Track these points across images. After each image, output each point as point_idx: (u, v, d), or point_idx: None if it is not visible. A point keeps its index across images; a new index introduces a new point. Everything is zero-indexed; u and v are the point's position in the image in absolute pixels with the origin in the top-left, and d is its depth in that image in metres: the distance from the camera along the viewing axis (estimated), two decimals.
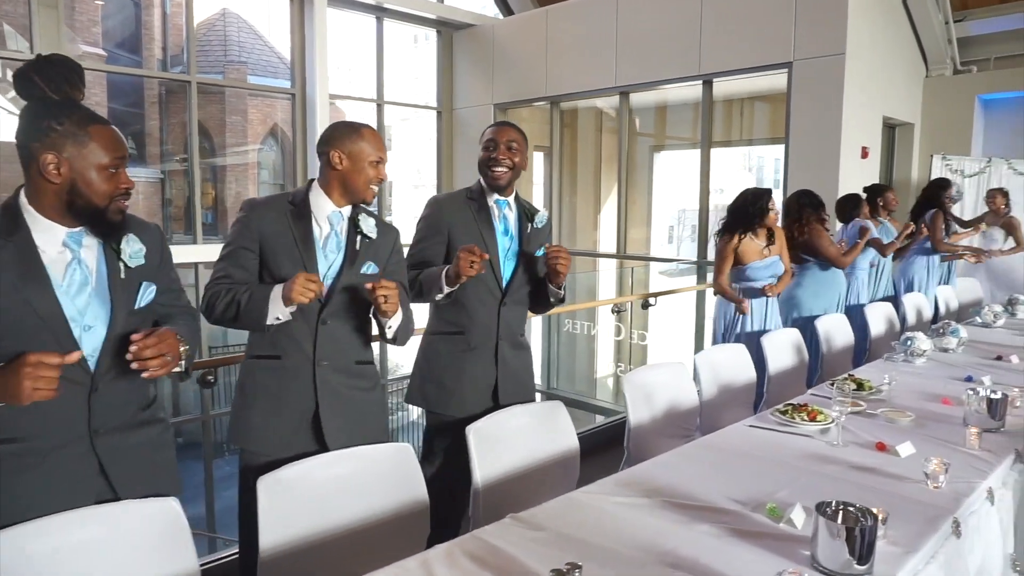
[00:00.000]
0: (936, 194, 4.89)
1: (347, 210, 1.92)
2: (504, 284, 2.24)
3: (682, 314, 7.02)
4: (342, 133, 1.88)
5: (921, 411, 2.33)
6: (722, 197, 9.20)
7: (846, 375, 2.65)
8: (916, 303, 4.59)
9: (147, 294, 1.53)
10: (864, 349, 4.06)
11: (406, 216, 13.13)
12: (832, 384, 2.56)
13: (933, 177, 6.42)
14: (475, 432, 1.94)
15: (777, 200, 3.69)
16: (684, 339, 7.20)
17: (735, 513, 1.57)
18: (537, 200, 9.57)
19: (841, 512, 1.37)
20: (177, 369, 1.49)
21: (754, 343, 3.28)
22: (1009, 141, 7.04)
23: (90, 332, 1.43)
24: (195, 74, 7.57)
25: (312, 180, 1.95)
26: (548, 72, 8.39)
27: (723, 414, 2.87)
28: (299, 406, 1.87)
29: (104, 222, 1.43)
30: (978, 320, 4.00)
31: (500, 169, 2.21)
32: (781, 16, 6.33)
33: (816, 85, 6.23)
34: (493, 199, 2.26)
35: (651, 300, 4.35)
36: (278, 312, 1.75)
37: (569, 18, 8.11)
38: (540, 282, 2.31)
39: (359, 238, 1.92)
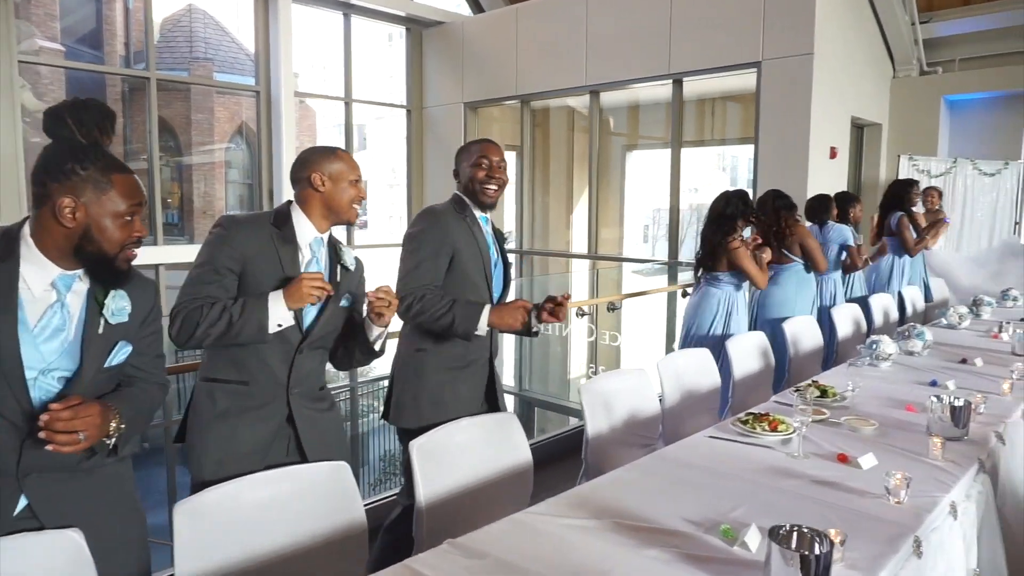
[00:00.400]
0: (901, 194, 4.88)
1: (326, 237, 1.88)
2: (495, 299, 2.28)
3: (656, 315, 6.98)
4: (319, 155, 1.84)
5: (885, 419, 2.27)
6: (696, 197, 9.18)
7: (810, 381, 2.58)
8: (883, 305, 4.57)
9: (120, 353, 1.46)
10: (834, 352, 4.02)
11: (381, 216, 12.96)
12: (796, 391, 2.49)
13: (901, 177, 6.45)
14: (418, 448, 1.83)
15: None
16: (657, 340, 7.15)
17: (687, 536, 1.48)
18: (509, 200, 9.47)
19: (796, 535, 1.29)
20: (104, 443, 1.38)
21: (719, 347, 3.21)
22: (974, 142, 7.10)
23: (48, 378, 1.36)
24: (154, 70, 7.35)
25: (290, 202, 1.86)
26: (518, 71, 8.30)
27: (686, 421, 2.79)
28: (269, 431, 1.80)
29: (111, 270, 1.40)
30: (943, 322, 3.98)
31: (494, 188, 2.23)
32: (750, 16, 6.31)
33: (785, 85, 6.22)
34: (477, 215, 2.25)
35: (615, 303, 4.27)
36: (279, 318, 1.70)
37: (539, 16, 8.03)
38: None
39: (339, 268, 1.87)
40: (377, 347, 1.89)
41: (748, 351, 3.19)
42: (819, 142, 6.28)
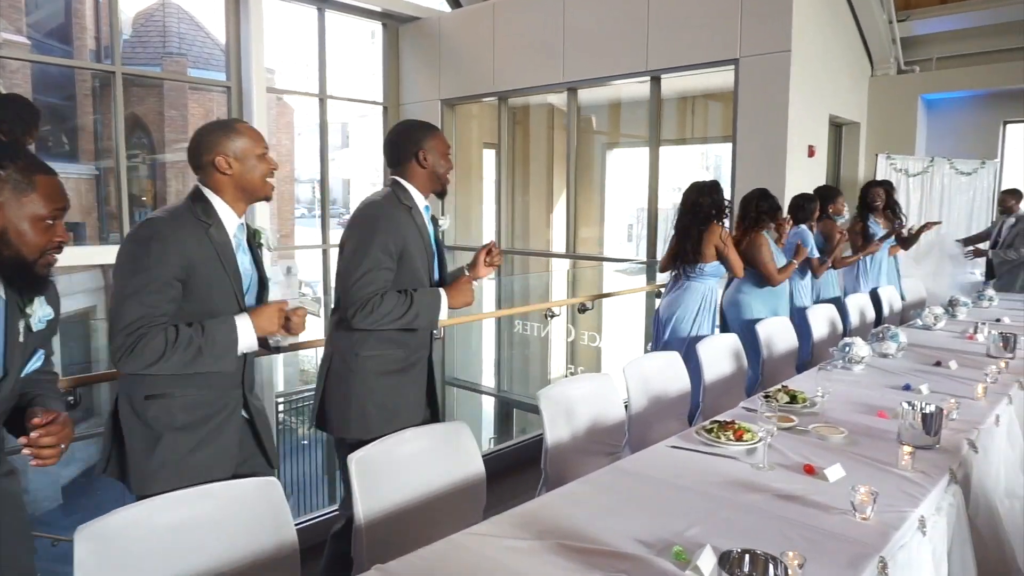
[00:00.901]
0: (866, 195, 4.82)
1: (243, 219, 1.78)
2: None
3: (637, 315, 6.89)
4: (218, 135, 1.71)
5: (855, 426, 2.17)
6: (679, 196, 9.09)
7: (779, 386, 2.48)
8: (859, 305, 4.51)
9: (37, 360, 1.42)
10: (809, 353, 3.94)
11: None
12: (765, 396, 2.40)
13: (879, 177, 6.41)
14: (358, 461, 1.71)
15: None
16: (638, 341, 7.07)
17: (637, 559, 1.38)
18: (488, 198, 9.35)
19: (749, 560, 1.18)
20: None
21: (691, 349, 3.12)
22: (951, 141, 7.08)
23: None
24: (120, 65, 7.15)
25: (198, 189, 1.73)
26: (495, 67, 8.18)
27: (654, 428, 2.69)
28: (233, 436, 1.76)
29: (29, 276, 1.32)
30: (919, 323, 3.91)
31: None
32: (727, 13, 6.24)
33: (762, 82, 6.15)
34: (422, 206, 2.10)
35: (587, 304, 4.16)
36: (247, 345, 1.67)
37: (516, 12, 7.91)
38: None
39: (262, 251, 1.81)
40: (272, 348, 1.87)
41: (719, 353, 3.10)
42: (797, 140, 6.22)
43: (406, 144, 2.08)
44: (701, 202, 3.40)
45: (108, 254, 8.10)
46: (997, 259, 5.47)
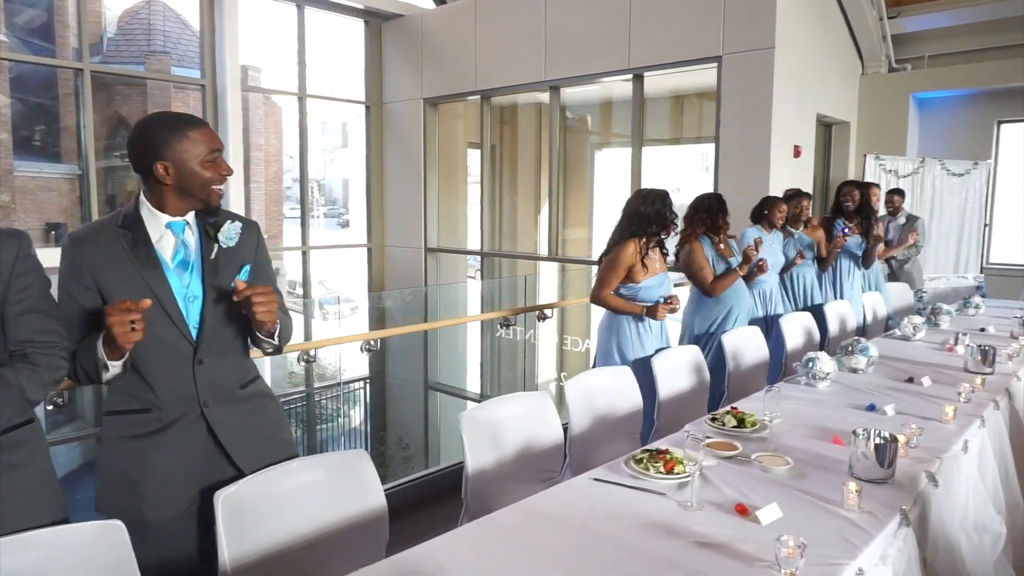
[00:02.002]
0: (837, 195, 4.59)
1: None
2: (195, 335, 1.59)
3: None
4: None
5: (805, 455, 1.97)
6: (678, 197, 8.85)
7: (727, 408, 2.27)
8: (839, 312, 4.29)
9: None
10: (779, 365, 3.73)
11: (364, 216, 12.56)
12: (712, 419, 2.20)
13: (868, 178, 6.20)
14: (225, 500, 1.50)
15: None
16: None
17: None
18: (472, 200, 9.15)
19: None
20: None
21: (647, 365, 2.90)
22: (943, 141, 6.87)
23: None
24: (88, 62, 6.97)
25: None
26: (478, 65, 7.99)
27: (600, 449, 2.49)
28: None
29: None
30: (897, 333, 3.70)
31: (222, 187, 1.60)
32: (710, 9, 6.04)
33: (746, 80, 5.95)
34: (163, 224, 1.58)
35: (547, 312, 3.95)
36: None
37: (498, 9, 7.72)
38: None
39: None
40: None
41: (677, 367, 2.89)
42: (782, 140, 6.02)
43: (141, 151, 1.54)
44: (643, 212, 3.04)
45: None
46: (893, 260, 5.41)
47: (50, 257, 1.52)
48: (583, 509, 1.65)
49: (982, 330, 3.81)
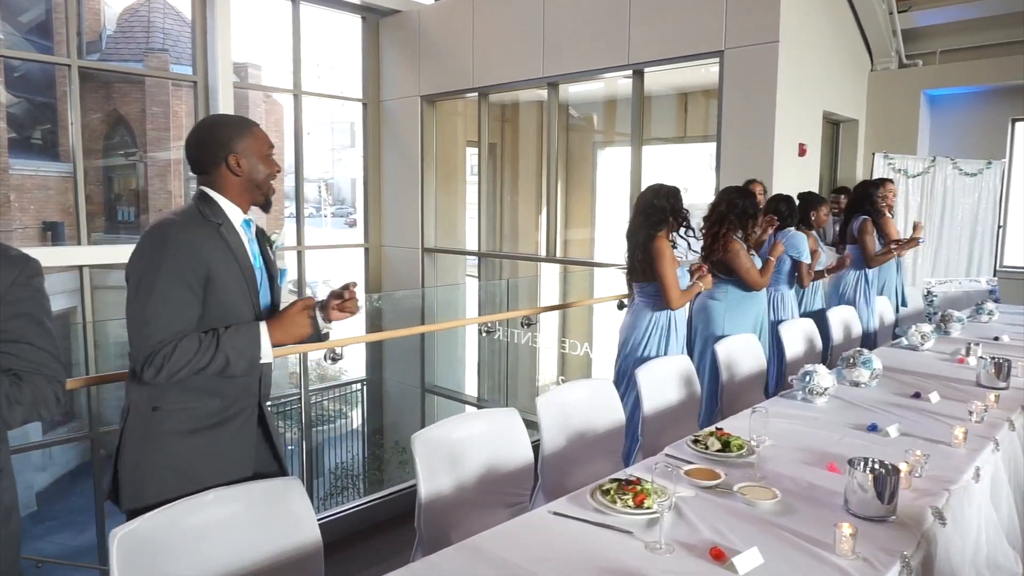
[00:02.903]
0: (865, 195, 4.35)
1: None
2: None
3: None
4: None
5: (795, 484, 1.75)
6: (687, 197, 8.62)
7: (712, 429, 2.06)
8: (843, 318, 4.06)
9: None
10: (782, 374, 3.52)
11: None
12: (694, 442, 1.99)
13: (875, 177, 5.96)
14: (124, 539, 1.31)
15: None
16: None
17: None
18: (470, 199, 8.96)
19: None
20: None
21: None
22: (955, 139, 6.61)
23: None
24: (75, 58, 6.82)
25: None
26: (475, 62, 7.79)
27: (577, 470, 2.29)
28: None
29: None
30: (904, 342, 3.46)
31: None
32: (712, 2, 5.81)
33: (748, 76, 5.73)
34: (240, 222, 1.70)
35: (531, 318, 3.74)
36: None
37: (496, 3, 7.53)
38: None
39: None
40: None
41: (664, 378, 2.68)
42: (786, 138, 5.79)
43: (212, 146, 1.64)
44: (658, 205, 2.98)
45: (88, 255, 7.94)
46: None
47: (52, 256, 1.40)
48: (536, 548, 1.44)
49: (996, 339, 3.58)
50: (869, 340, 4.25)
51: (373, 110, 9.04)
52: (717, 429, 2.03)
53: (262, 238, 1.76)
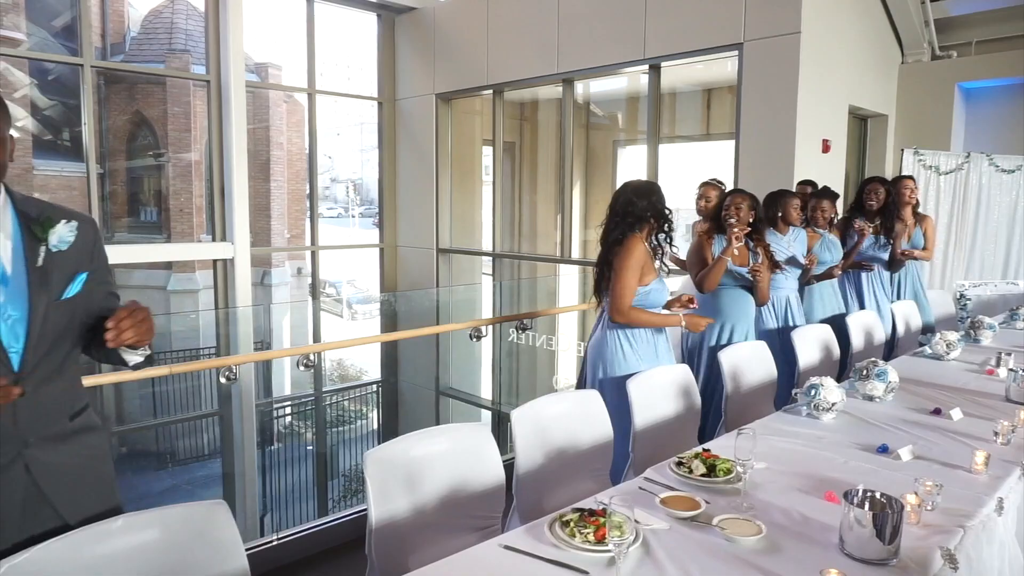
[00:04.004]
0: (860, 193, 4.09)
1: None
2: (16, 361, 1.31)
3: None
4: None
5: (786, 517, 1.55)
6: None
7: (699, 450, 1.86)
8: (864, 324, 3.80)
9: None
10: (792, 385, 3.28)
11: None
12: (678, 463, 1.79)
13: (904, 174, 5.65)
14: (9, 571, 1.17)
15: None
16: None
17: None
18: (486, 198, 8.80)
19: None
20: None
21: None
22: (992, 134, 6.26)
23: None
24: (88, 58, 6.83)
25: None
26: (489, 59, 7.64)
27: (559, 488, 2.11)
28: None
29: None
30: (927, 351, 3.20)
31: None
32: None
33: (769, 69, 5.47)
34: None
35: (526, 322, 3.57)
36: None
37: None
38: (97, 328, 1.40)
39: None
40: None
41: (659, 390, 2.49)
42: (809, 134, 5.52)
43: None
44: (638, 204, 2.67)
45: (126, 253, 7.96)
46: None
47: None
48: None
49: None
50: (891, 348, 3.99)
51: (389, 109, 8.95)
52: (704, 450, 1.82)
53: (30, 229, 1.36)
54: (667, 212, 2.72)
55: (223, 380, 3.04)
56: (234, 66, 7.38)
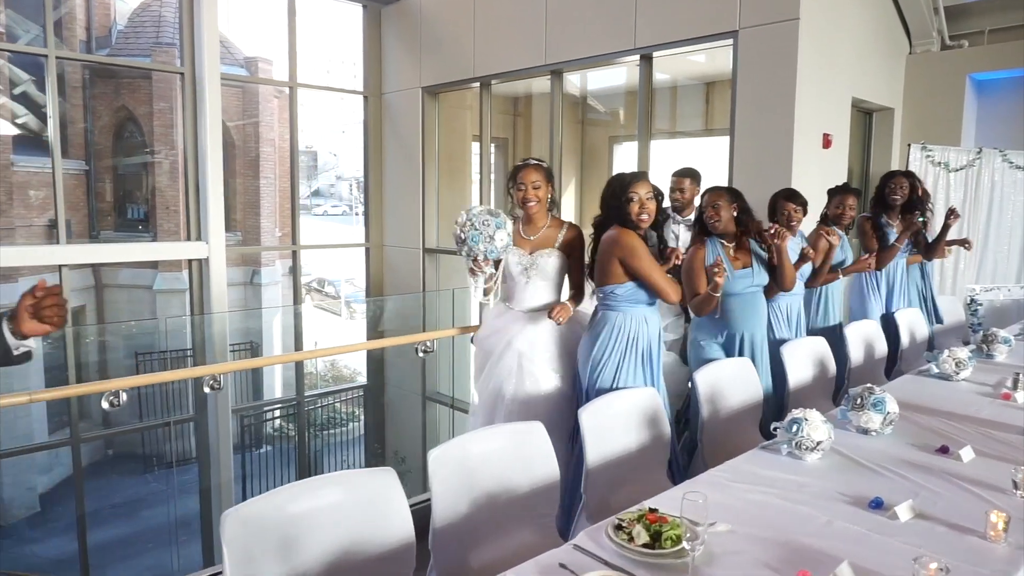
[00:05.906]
0: (883, 188, 3.76)
1: None
2: None
3: None
4: None
5: None
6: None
7: (643, 509, 1.50)
8: (864, 335, 3.44)
9: None
10: (782, 406, 2.92)
11: None
12: (618, 527, 1.44)
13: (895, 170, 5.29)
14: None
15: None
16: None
17: None
18: (475, 197, 8.47)
19: None
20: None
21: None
22: (1005, 129, 5.87)
23: None
24: (53, 48, 6.52)
25: None
26: (476, 50, 7.30)
27: (483, 545, 1.77)
28: None
29: None
30: (933, 370, 2.83)
31: None
32: None
33: (765, 58, 5.10)
34: None
35: (428, 345, 3.20)
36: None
37: None
38: None
39: None
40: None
41: (618, 417, 2.13)
42: (808, 128, 5.14)
43: None
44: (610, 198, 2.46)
45: (98, 253, 7.69)
46: None
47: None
48: None
49: None
50: (894, 360, 3.62)
51: (374, 103, 8.62)
52: (650, 510, 1.46)
53: None
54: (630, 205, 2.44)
55: (207, 390, 2.84)
56: (208, 58, 7.05)
